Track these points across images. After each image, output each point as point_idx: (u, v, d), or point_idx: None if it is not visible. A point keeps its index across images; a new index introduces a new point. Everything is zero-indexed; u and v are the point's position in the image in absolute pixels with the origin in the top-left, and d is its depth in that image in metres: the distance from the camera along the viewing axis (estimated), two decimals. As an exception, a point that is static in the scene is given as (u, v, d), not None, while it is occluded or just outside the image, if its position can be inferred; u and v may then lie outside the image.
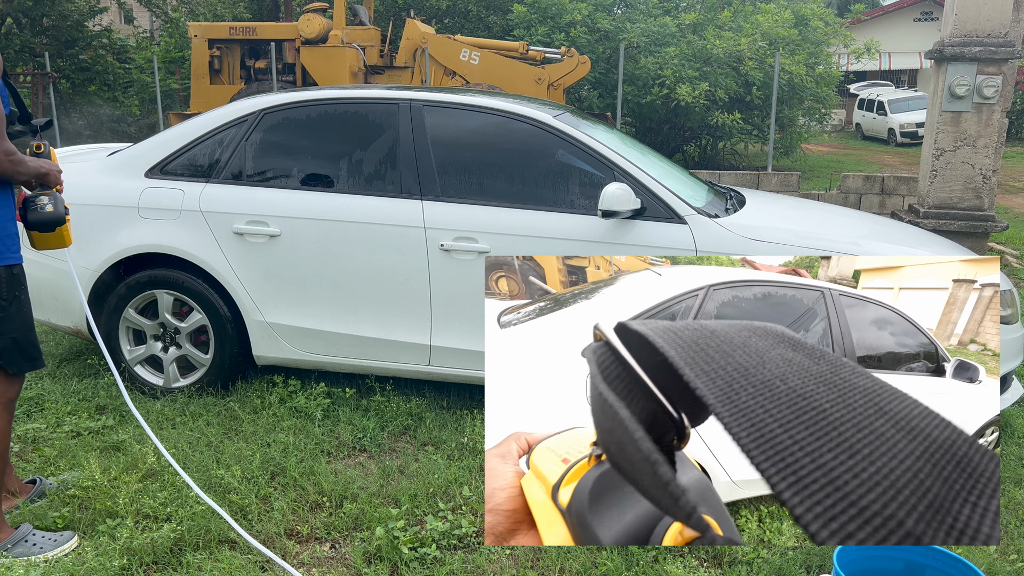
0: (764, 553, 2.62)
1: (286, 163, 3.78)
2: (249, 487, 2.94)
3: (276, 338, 3.74)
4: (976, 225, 7.09)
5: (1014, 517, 2.94)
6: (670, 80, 11.65)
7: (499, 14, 15.57)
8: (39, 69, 14.14)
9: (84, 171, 3.95)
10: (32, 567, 2.44)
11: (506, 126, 3.67)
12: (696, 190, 3.89)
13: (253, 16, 18.54)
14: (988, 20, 6.82)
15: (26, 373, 2.62)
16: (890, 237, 3.78)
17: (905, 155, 18.21)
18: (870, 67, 22.57)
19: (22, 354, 2.57)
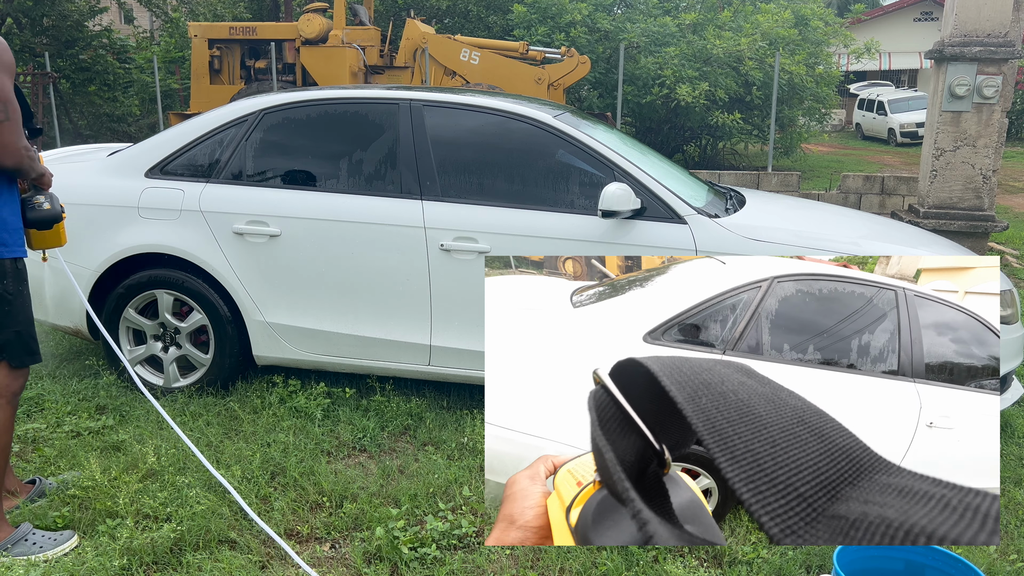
0: (764, 553, 2.63)
1: (286, 163, 3.78)
2: (249, 487, 2.94)
3: (276, 338, 3.74)
4: (976, 225, 7.09)
5: (1014, 517, 2.94)
6: (670, 80, 11.65)
7: (499, 14, 15.57)
8: (39, 69, 14.14)
9: (84, 171, 3.95)
10: (32, 567, 2.44)
11: (506, 126, 3.67)
12: (696, 190, 3.89)
13: (253, 16, 18.53)
14: (988, 20, 6.82)
15: (28, 367, 2.67)
16: (890, 237, 3.78)
17: (905, 155, 18.21)
18: (870, 67, 22.58)
19: (24, 348, 2.63)
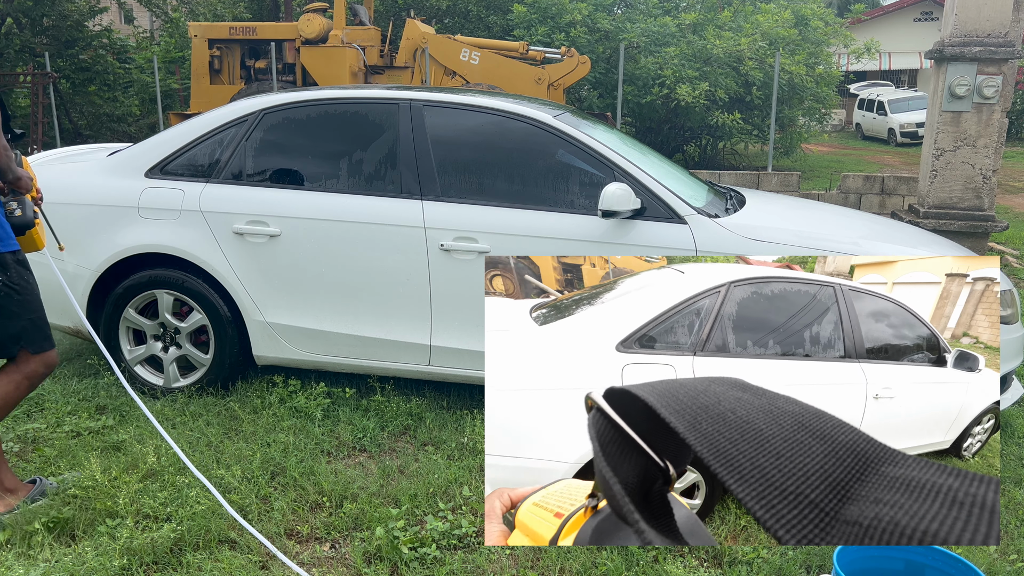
0: (764, 553, 2.63)
1: (286, 163, 3.78)
2: (249, 487, 2.94)
3: (276, 338, 3.74)
4: (976, 225, 7.09)
5: (1014, 517, 2.94)
6: (670, 80, 11.65)
7: (499, 14, 15.57)
8: (39, 69, 14.14)
9: (84, 171, 3.95)
10: (32, 567, 2.44)
11: (506, 126, 3.67)
12: (696, 190, 3.89)
13: (253, 16, 18.54)
14: (988, 20, 6.82)
15: (52, 353, 2.79)
16: (890, 237, 3.78)
17: (905, 155, 18.21)
18: (870, 67, 22.58)
19: (40, 333, 2.75)
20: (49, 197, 3.87)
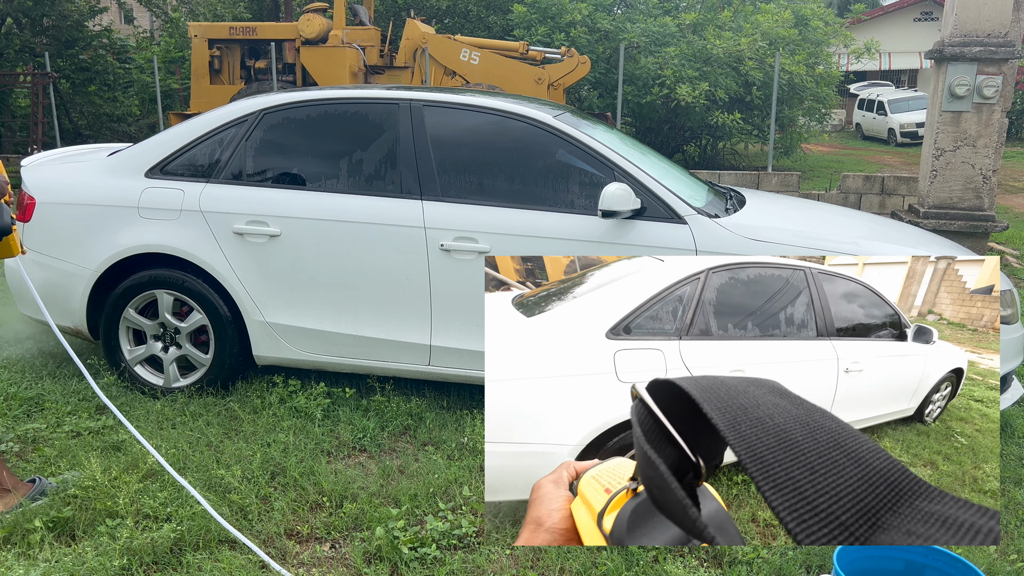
0: (764, 553, 2.63)
1: (286, 163, 3.78)
2: (249, 487, 2.94)
3: (276, 338, 3.74)
4: (976, 225, 7.09)
5: (1014, 517, 2.94)
6: (670, 80, 11.65)
7: (499, 14, 15.57)
8: (39, 69, 14.13)
9: (84, 171, 3.95)
10: (32, 567, 2.44)
11: (506, 126, 3.67)
12: (696, 190, 3.89)
13: (253, 16, 18.53)
14: (988, 20, 6.82)
15: None
16: (890, 237, 3.79)
17: (905, 155, 18.21)
18: (870, 67, 22.58)
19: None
20: (49, 197, 3.88)
